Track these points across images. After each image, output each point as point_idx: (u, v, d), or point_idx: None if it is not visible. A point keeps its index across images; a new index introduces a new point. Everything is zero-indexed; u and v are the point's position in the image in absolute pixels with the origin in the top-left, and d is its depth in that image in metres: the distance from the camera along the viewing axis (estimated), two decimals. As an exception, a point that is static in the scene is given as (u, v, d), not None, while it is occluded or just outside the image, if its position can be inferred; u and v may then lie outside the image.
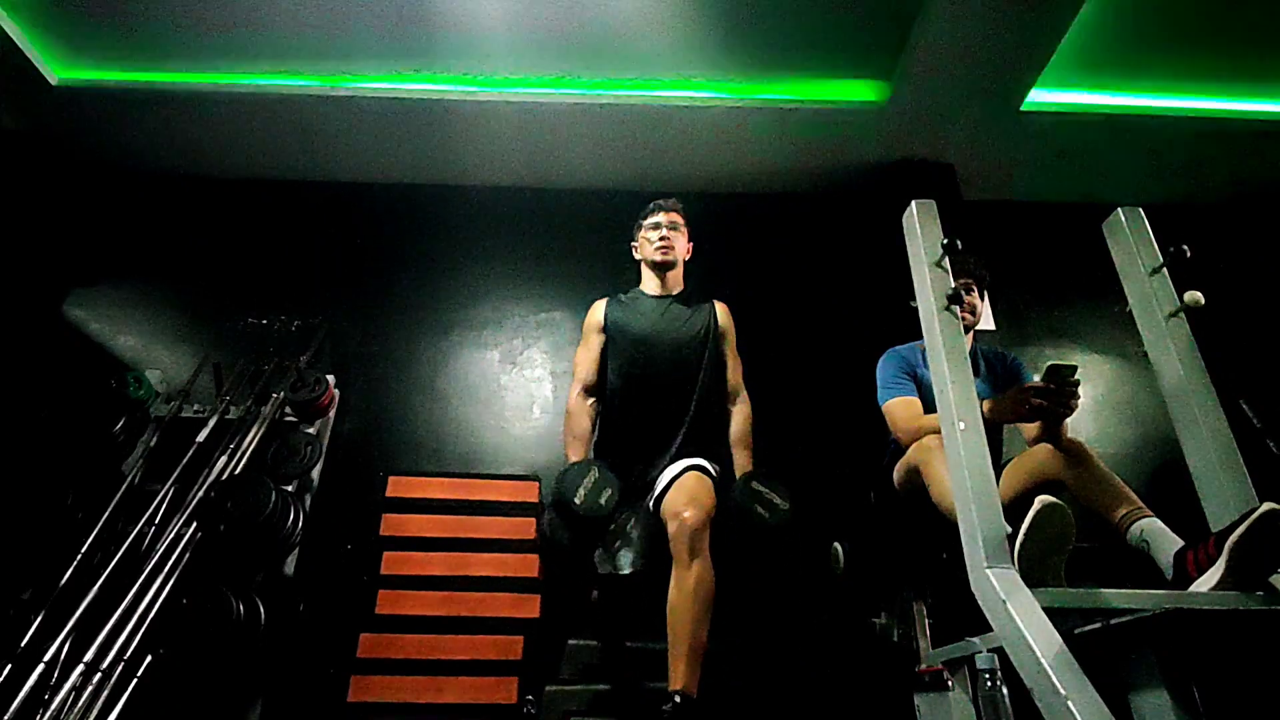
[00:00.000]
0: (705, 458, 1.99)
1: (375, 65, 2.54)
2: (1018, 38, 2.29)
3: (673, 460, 1.96)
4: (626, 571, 1.93)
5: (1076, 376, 1.61)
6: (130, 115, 2.68)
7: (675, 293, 2.25)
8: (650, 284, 2.27)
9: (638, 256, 2.32)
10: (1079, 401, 1.64)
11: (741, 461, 2.09)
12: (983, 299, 2.17)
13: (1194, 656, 1.33)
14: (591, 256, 2.92)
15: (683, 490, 1.82)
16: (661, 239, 2.22)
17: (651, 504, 1.93)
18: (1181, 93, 2.65)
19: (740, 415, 2.17)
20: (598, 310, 2.25)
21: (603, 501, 1.80)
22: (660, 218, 2.25)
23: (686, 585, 1.66)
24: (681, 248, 2.27)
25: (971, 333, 2.07)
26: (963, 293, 1.99)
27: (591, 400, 2.14)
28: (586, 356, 2.18)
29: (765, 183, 3.04)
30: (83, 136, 2.80)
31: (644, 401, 2.07)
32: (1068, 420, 1.79)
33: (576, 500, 1.78)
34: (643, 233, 2.28)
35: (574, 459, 1.99)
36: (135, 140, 2.82)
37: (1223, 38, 2.42)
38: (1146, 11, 2.30)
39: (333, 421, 2.46)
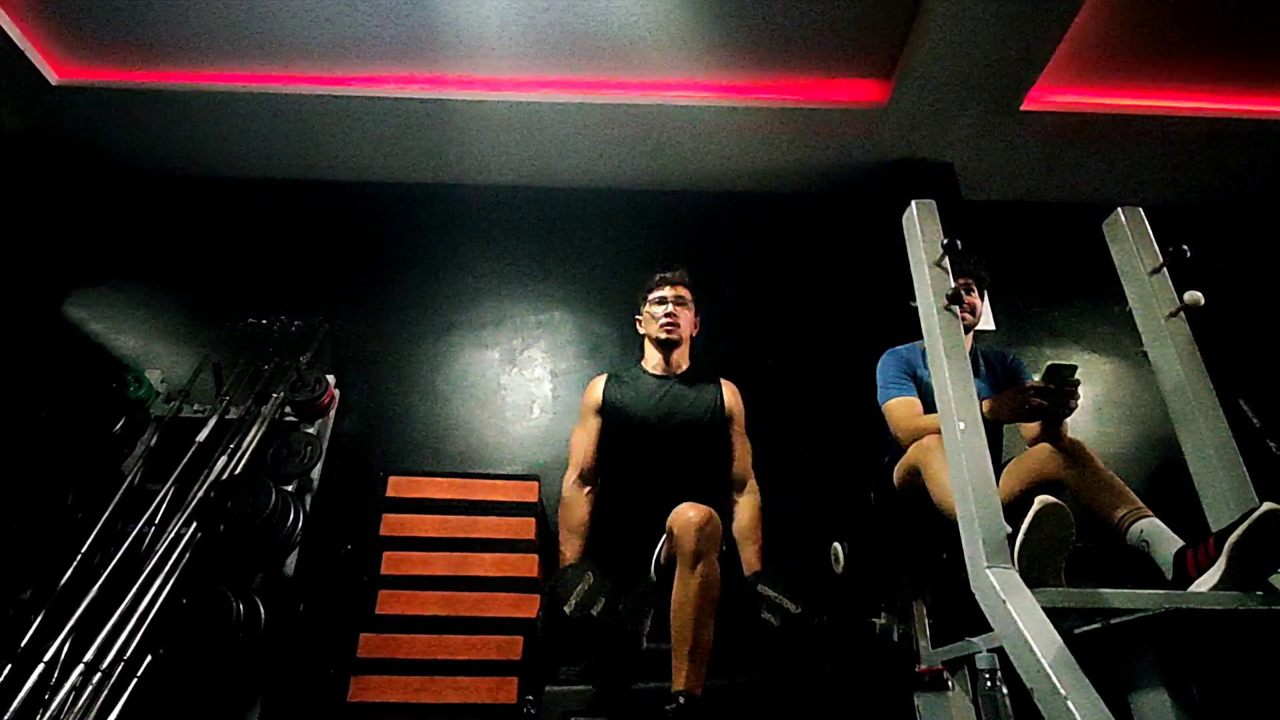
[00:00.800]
0: None
1: (375, 65, 2.53)
2: (1018, 38, 2.29)
3: None
4: (645, 647, 1.87)
5: (1076, 376, 1.61)
6: (130, 115, 2.68)
7: (680, 372, 2.15)
8: (653, 361, 2.17)
9: (641, 331, 2.23)
10: (1079, 401, 1.64)
11: (749, 559, 1.95)
12: (982, 299, 2.17)
13: (1194, 656, 1.33)
14: (592, 256, 2.93)
15: (683, 506, 1.75)
16: (667, 315, 2.12)
17: (654, 573, 1.87)
18: (1181, 93, 2.65)
19: (749, 506, 2.02)
20: (596, 389, 2.13)
21: (595, 611, 1.74)
22: (666, 291, 2.16)
23: (692, 587, 1.65)
24: (688, 324, 2.18)
25: (971, 333, 2.07)
26: (963, 292, 2.00)
27: (589, 489, 2.02)
28: (584, 440, 2.06)
29: (765, 183, 3.04)
30: (83, 136, 2.80)
31: (643, 486, 1.98)
32: (1068, 420, 1.80)
33: (566, 610, 1.73)
34: (647, 307, 2.18)
35: (570, 557, 1.91)
36: (135, 140, 2.82)
37: (1223, 38, 2.42)
38: (1146, 11, 2.30)
39: (333, 421, 2.46)
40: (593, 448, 2.06)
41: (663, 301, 2.16)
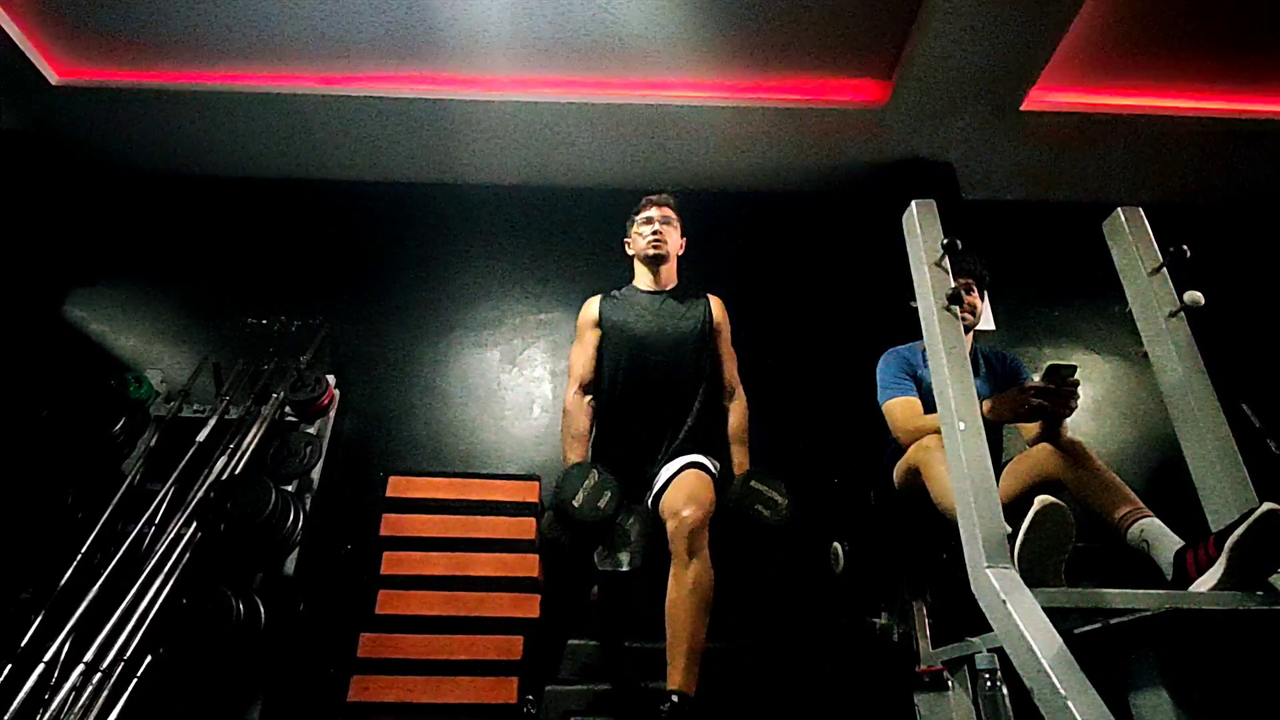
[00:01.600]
0: (704, 454, 1.98)
1: (375, 65, 2.53)
2: (1018, 38, 2.29)
3: (672, 457, 1.96)
4: (625, 569, 1.92)
5: (1076, 376, 1.61)
6: (130, 115, 2.68)
7: (669, 288, 2.23)
8: (644, 279, 2.25)
9: (630, 252, 2.31)
10: (1078, 401, 1.64)
11: (740, 459, 2.07)
12: (983, 299, 2.17)
13: (1194, 656, 1.33)
14: (592, 256, 2.92)
15: (681, 488, 1.81)
16: (654, 233, 2.20)
17: (650, 501, 1.92)
18: (1181, 93, 2.65)
19: (737, 411, 2.15)
20: (591, 307, 2.22)
21: (602, 505, 1.79)
22: (653, 212, 2.24)
23: (685, 584, 1.65)
24: (674, 242, 2.26)
25: (971, 333, 2.07)
26: (963, 292, 2.00)
27: (589, 398, 2.12)
28: (582, 355, 2.15)
29: (765, 182, 3.04)
30: (83, 136, 2.80)
31: (641, 399, 2.06)
32: (1067, 420, 1.80)
33: (575, 503, 1.77)
34: (635, 228, 2.27)
35: (573, 460, 1.98)
36: (135, 140, 2.82)
37: (1223, 38, 2.42)
38: (1146, 11, 2.30)
39: (333, 421, 2.46)
40: (591, 361, 2.14)
41: (649, 221, 2.22)
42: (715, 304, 2.24)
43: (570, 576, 2.08)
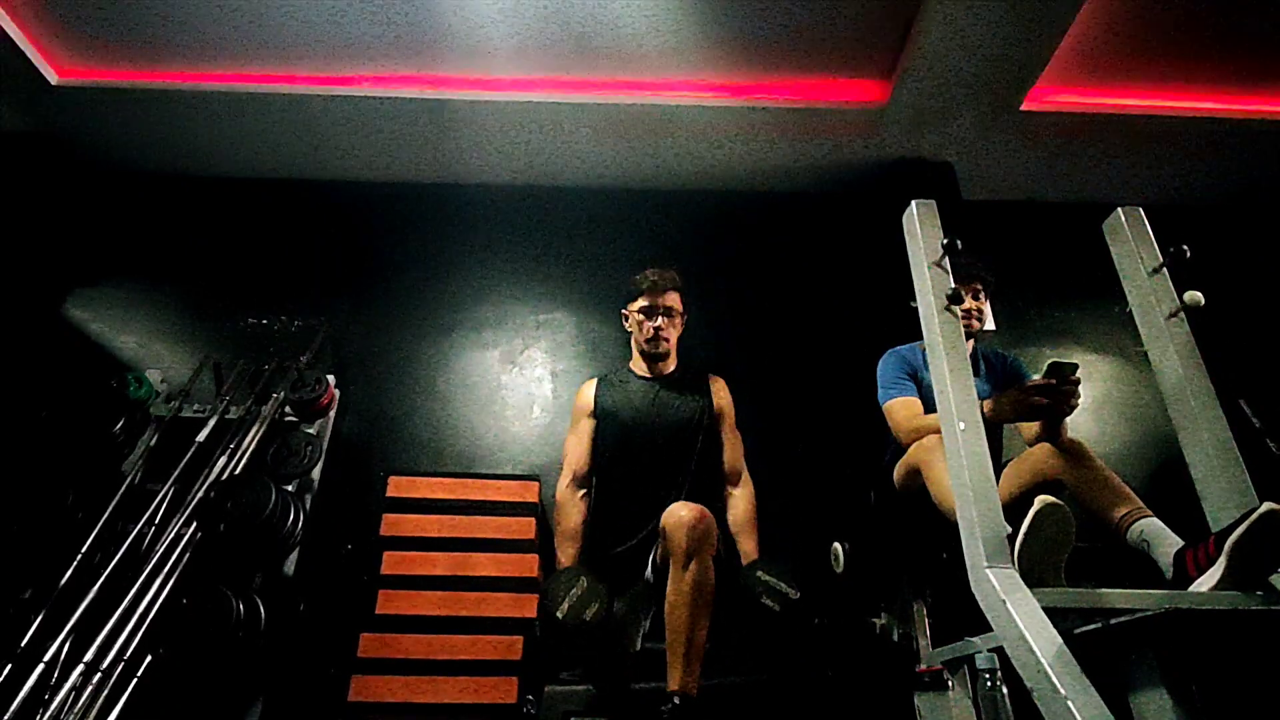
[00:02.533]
0: None
1: (375, 65, 2.53)
2: (1018, 38, 2.29)
3: None
4: (637, 649, 1.88)
5: (1077, 375, 1.61)
6: (130, 115, 2.68)
7: (668, 374, 2.17)
8: (640, 366, 2.19)
9: (627, 328, 2.21)
10: (1079, 400, 1.64)
11: (747, 549, 1.98)
12: (987, 302, 2.17)
13: (1194, 656, 1.33)
14: (592, 256, 2.93)
15: (678, 504, 1.76)
16: (656, 329, 2.11)
17: (650, 575, 1.88)
18: (1181, 93, 2.65)
19: (743, 498, 2.06)
20: (587, 392, 2.15)
21: (588, 616, 1.75)
22: (655, 302, 2.11)
23: (684, 586, 1.65)
24: (675, 334, 2.17)
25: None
26: (969, 298, 2.00)
27: (582, 492, 2.05)
28: (577, 445, 2.09)
29: (765, 182, 3.04)
30: (83, 136, 2.80)
31: (636, 488, 1.99)
32: (1068, 420, 1.80)
33: (559, 614, 1.75)
34: (634, 313, 2.15)
35: (564, 562, 1.94)
36: (135, 140, 2.82)
37: (1223, 38, 2.42)
38: (1146, 11, 2.30)
39: (333, 421, 2.45)
40: (586, 452, 2.08)
41: (650, 313, 2.12)
42: (716, 387, 2.16)
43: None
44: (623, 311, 2.23)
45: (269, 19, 2.34)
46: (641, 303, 2.13)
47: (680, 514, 1.70)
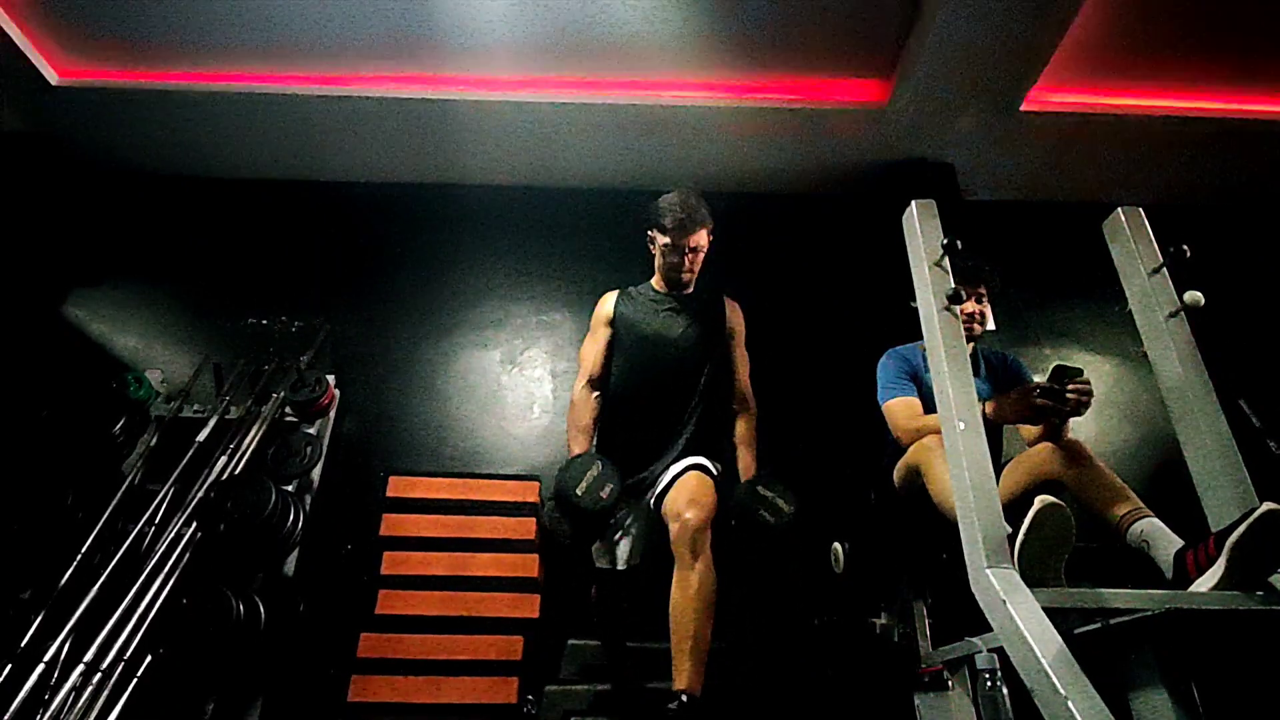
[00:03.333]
0: (708, 456, 1.98)
1: (375, 65, 2.53)
2: (1018, 38, 2.29)
3: (675, 459, 1.96)
4: (622, 567, 1.92)
5: (1084, 378, 1.60)
6: (130, 115, 2.68)
7: (687, 293, 2.21)
8: (660, 284, 2.23)
9: (653, 250, 2.20)
10: (1090, 401, 1.63)
11: (746, 464, 2.07)
12: (988, 305, 2.16)
13: (1194, 656, 1.33)
14: (592, 256, 2.92)
15: (684, 490, 1.81)
16: (688, 262, 2.12)
17: (652, 502, 1.93)
18: (1181, 93, 2.65)
19: (746, 417, 2.15)
20: (607, 303, 2.21)
21: (604, 495, 1.80)
22: (681, 242, 2.09)
23: (689, 586, 1.66)
24: (698, 267, 2.18)
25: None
26: (973, 301, 2.01)
27: (596, 394, 2.13)
28: (593, 349, 2.16)
29: (765, 183, 3.04)
30: (83, 136, 2.80)
31: (648, 399, 2.06)
32: (1069, 420, 1.80)
33: (577, 493, 1.79)
34: (663, 240, 2.12)
35: (577, 451, 1.99)
36: (135, 140, 2.82)
37: (1223, 38, 2.41)
38: (1146, 11, 2.30)
39: (333, 421, 2.46)
40: (601, 357, 2.14)
41: (673, 250, 2.10)
42: (731, 308, 2.22)
43: (570, 576, 2.09)
44: (648, 232, 2.19)
45: (269, 19, 2.34)
46: (666, 240, 2.11)
47: (685, 517, 1.70)
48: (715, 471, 1.96)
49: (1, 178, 2.70)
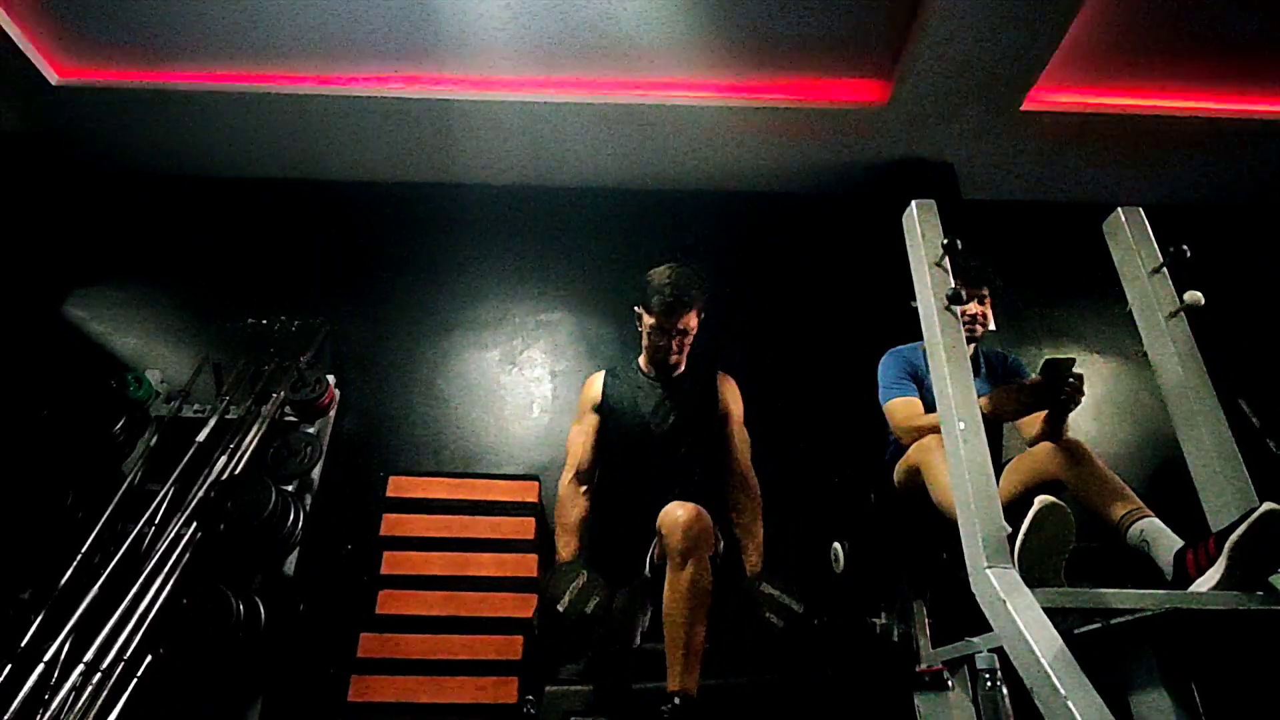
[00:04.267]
0: None
1: (375, 65, 2.53)
2: (1018, 38, 2.29)
3: None
4: (638, 645, 1.88)
5: (1076, 370, 1.60)
6: (130, 115, 2.68)
7: (676, 375, 2.10)
8: (648, 366, 2.12)
9: (639, 329, 2.08)
10: (1083, 396, 1.63)
11: (751, 558, 1.92)
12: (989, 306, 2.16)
13: (1194, 656, 1.33)
14: (592, 256, 2.93)
15: (674, 504, 1.74)
16: (675, 345, 2.01)
17: (649, 571, 1.86)
18: (1181, 93, 2.65)
19: (747, 503, 1.98)
20: (594, 385, 2.10)
21: (588, 609, 1.74)
22: (668, 325, 1.98)
23: (681, 587, 1.65)
24: (686, 350, 2.06)
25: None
26: (975, 303, 2.01)
27: (584, 487, 2.01)
28: (580, 438, 2.04)
29: (765, 183, 3.04)
30: (83, 136, 2.80)
31: (639, 487, 1.95)
32: (1069, 420, 1.80)
33: (561, 606, 1.74)
34: (650, 321, 2.01)
35: (564, 555, 1.91)
36: (135, 140, 2.82)
37: (1223, 38, 2.41)
38: (1146, 11, 2.30)
39: (333, 421, 2.46)
40: (590, 446, 2.03)
41: (660, 333, 2.00)
42: (725, 385, 2.10)
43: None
44: (635, 309, 2.08)
45: (269, 19, 2.34)
46: (653, 321, 2.00)
47: (676, 514, 1.70)
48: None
49: (1, 178, 2.70)
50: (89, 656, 1.87)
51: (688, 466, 2.00)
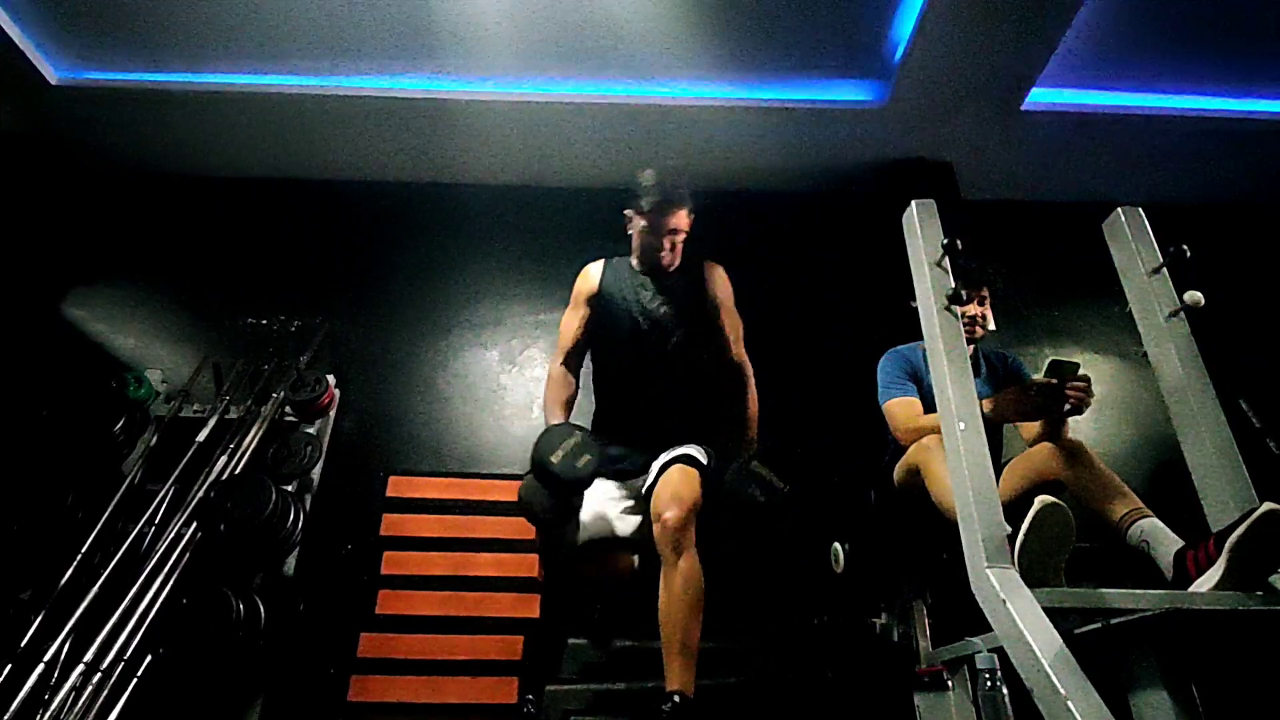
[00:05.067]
0: (698, 443, 1.91)
1: (375, 65, 2.53)
2: (1018, 38, 2.29)
3: (666, 444, 1.89)
4: (626, 534, 1.85)
5: (1082, 375, 1.60)
6: (130, 115, 2.68)
7: (669, 271, 2.08)
8: (641, 265, 2.10)
9: (630, 232, 2.07)
10: (1091, 399, 1.63)
11: (745, 441, 1.99)
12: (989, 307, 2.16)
13: (1194, 656, 1.33)
14: (591, 256, 2.90)
15: (667, 486, 1.76)
16: (667, 245, 2.00)
17: (644, 490, 1.88)
18: (1181, 93, 2.65)
19: (740, 388, 2.03)
20: (591, 275, 2.09)
21: (580, 465, 1.71)
22: (659, 223, 1.98)
23: (675, 586, 1.65)
24: (679, 251, 2.06)
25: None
26: (975, 304, 2.00)
27: (573, 371, 2.06)
28: (573, 323, 2.06)
29: (765, 183, 3.04)
30: (83, 136, 2.80)
31: (633, 383, 1.98)
32: (1069, 420, 1.80)
33: (554, 461, 1.69)
34: (641, 223, 2.01)
35: (554, 423, 1.90)
36: (135, 140, 2.82)
37: (1223, 38, 2.42)
38: (1146, 11, 2.30)
39: (333, 421, 2.46)
40: (581, 332, 2.06)
41: (651, 232, 1.98)
42: (713, 274, 2.09)
43: (570, 577, 2.08)
44: (625, 211, 2.06)
45: (269, 19, 2.34)
46: (644, 222, 1.99)
47: (665, 516, 1.69)
48: (705, 460, 1.88)
49: (1, 178, 2.70)
50: (89, 656, 1.86)
51: (680, 358, 2.00)
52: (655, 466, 1.87)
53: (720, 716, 1.68)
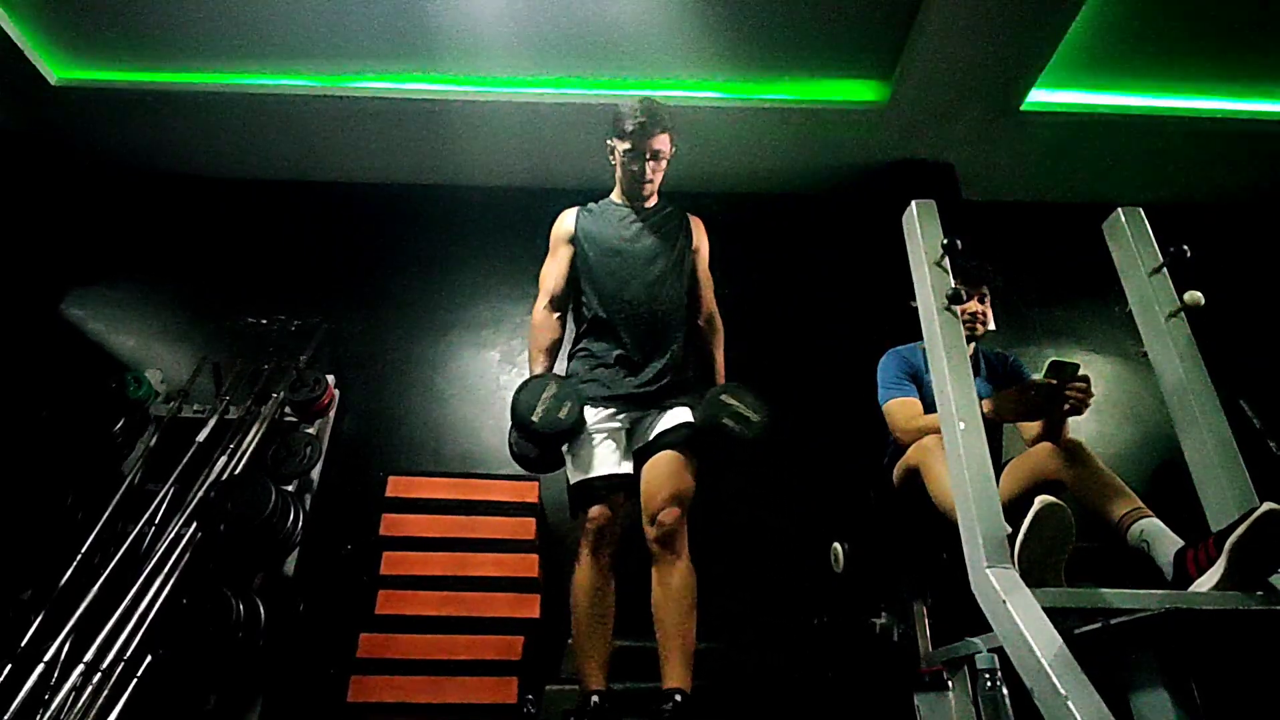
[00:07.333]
0: (691, 395, 1.89)
1: (375, 65, 2.54)
2: (1018, 37, 2.29)
3: (661, 394, 1.86)
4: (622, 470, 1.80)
5: (1082, 376, 1.60)
6: (130, 115, 2.68)
7: (649, 206, 2.07)
8: (621, 197, 2.09)
9: (612, 161, 2.06)
10: (1091, 398, 1.63)
11: (718, 376, 2.04)
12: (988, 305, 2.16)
13: (1194, 656, 1.33)
14: (591, 256, 2.92)
15: (661, 480, 1.73)
16: (649, 170, 1.98)
17: (637, 450, 1.84)
18: (1181, 93, 2.65)
19: (713, 335, 2.08)
20: (566, 220, 2.08)
21: (562, 416, 1.70)
22: (641, 146, 1.94)
23: (669, 586, 1.65)
24: (660, 175, 2.03)
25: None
26: (975, 301, 2.00)
27: (557, 314, 2.02)
28: (554, 269, 2.03)
29: (765, 183, 3.04)
30: (83, 136, 2.80)
31: (621, 317, 1.92)
32: (1069, 420, 1.80)
33: (535, 417, 1.69)
34: (624, 147, 1.98)
35: (536, 372, 1.90)
36: (135, 140, 2.82)
37: (1223, 38, 2.42)
38: (1146, 11, 2.30)
39: (333, 421, 2.46)
40: (563, 276, 2.03)
41: (634, 157, 1.96)
42: (695, 225, 2.11)
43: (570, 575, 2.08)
44: (607, 141, 2.05)
45: (269, 19, 2.34)
46: (626, 145, 1.97)
47: (660, 517, 1.68)
48: (697, 418, 1.85)
49: (1, 178, 2.70)
50: (89, 656, 1.87)
51: (662, 284, 1.96)
52: (653, 431, 1.82)
53: (720, 716, 1.68)
